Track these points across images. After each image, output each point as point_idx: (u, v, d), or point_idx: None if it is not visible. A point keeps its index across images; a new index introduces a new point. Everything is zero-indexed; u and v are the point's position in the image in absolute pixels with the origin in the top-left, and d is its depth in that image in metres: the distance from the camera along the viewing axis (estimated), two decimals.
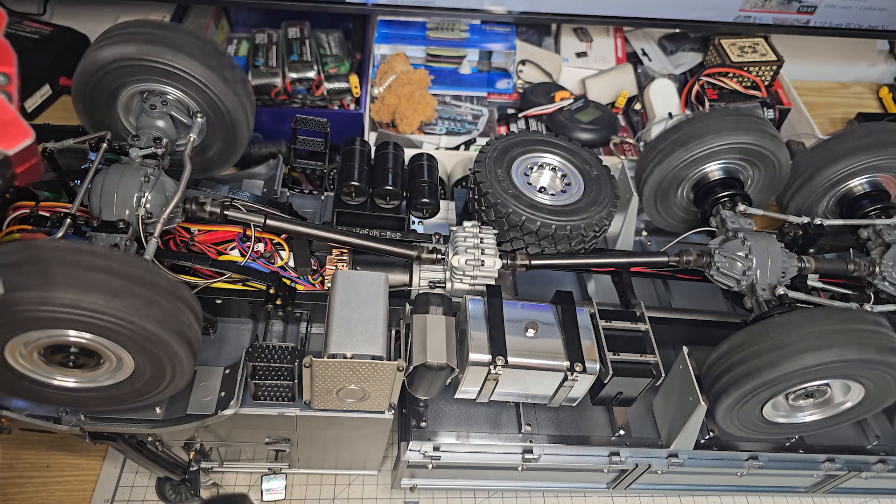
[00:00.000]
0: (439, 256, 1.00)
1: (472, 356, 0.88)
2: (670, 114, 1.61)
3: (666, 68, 1.80)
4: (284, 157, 1.27)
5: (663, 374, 0.93)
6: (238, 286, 0.98)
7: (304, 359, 0.82)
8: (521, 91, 1.74)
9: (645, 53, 1.83)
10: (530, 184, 1.07)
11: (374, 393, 0.88)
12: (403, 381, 0.89)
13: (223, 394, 0.91)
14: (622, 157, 1.56)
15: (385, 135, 1.56)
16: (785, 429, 1.04)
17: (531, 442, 1.04)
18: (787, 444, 1.12)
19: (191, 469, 1.09)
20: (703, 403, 0.96)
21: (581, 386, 0.93)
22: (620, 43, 1.83)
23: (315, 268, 1.03)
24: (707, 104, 1.66)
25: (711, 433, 1.09)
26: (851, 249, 1.17)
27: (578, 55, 1.80)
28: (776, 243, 1.05)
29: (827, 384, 0.96)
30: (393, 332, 0.94)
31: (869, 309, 1.04)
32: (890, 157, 1.14)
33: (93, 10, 1.70)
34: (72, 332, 0.70)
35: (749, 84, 1.70)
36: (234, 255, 1.00)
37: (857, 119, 1.85)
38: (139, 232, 0.86)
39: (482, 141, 1.59)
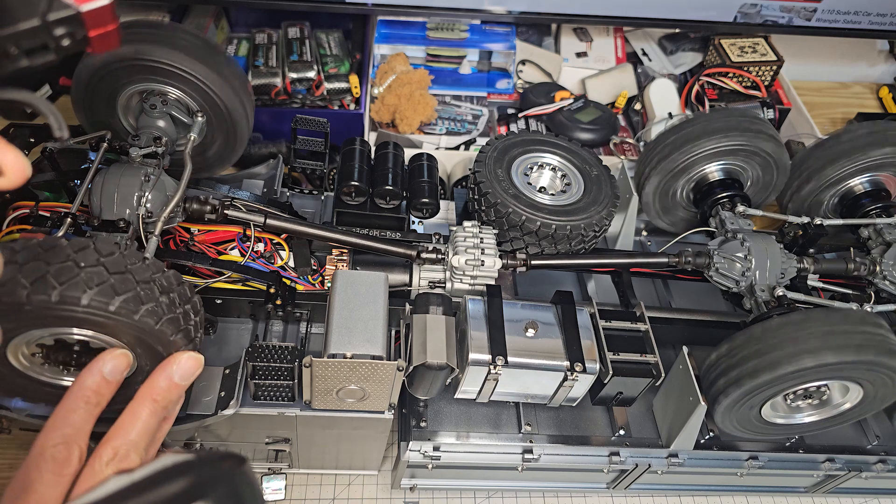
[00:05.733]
0: (439, 256, 1.00)
1: (472, 356, 0.88)
2: (670, 114, 1.61)
3: (666, 68, 1.80)
4: (284, 157, 1.27)
5: (663, 374, 0.93)
6: (238, 286, 0.98)
7: (304, 359, 0.82)
8: (521, 91, 1.74)
9: (645, 53, 1.83)
10: (530, 184, 1.07)
11: (374, 393, 0.88)
12: (403, 381, 0.89)
13: (223, 394, 0.91)
14: (622, 157, 1.57)
15: (385, 135, 1.56)
16: (783, 430, 1.04)
17: (531, 442, 1.05)
18: (787, 444, 1.12)
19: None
20: (702, 403, 0.96)
21: (581, 386, 0.93)
22: (620, 43, 1.83)
23: (315, 268, 1.03)
24: (707, 104, 1.66)
25: (711, 433, 1.09)
26: (852, 249, 1.17)
27: (578, 55, 1.80)
28: (775, 244, 1.05)
29: (825, 385, 0.96)
30: (393, 332, 0.94)
31: (869, 308, 1.04)
32: (890, 156, 1.14)
33: None
34: (75, 330, 0.70)
35: (749, 84, 1.70)
36: (234, 254, 1.00)
37: (857, 119, 1.85)
38: (139, 231, 0.86)
39: (482, 141, 1.59)
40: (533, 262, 1.02)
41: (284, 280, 0.98)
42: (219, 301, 0.96)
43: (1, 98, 0.35)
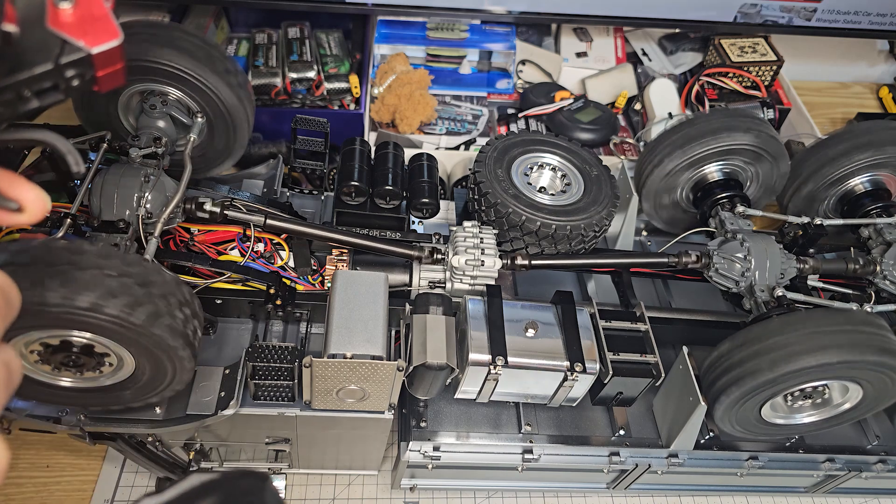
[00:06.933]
0: (439, 256, 1.00)
1: (472, 356, 0.88)
2: (670, 114, 1.61)
3: (666, 68, 1.80)
4: (284, 157, 1.27)
5: (663, 374, 0.93)
6: (238, 286, 0.98)
7: (304, 359, 0.82)
8: (521, 91, 1.74)
9: (645, 53, 1.83)
10: (530, 184, 1.07)
11: (374, 393, 0.88)
12: (403, 381, 0.89)
13: (223, 394, 0.91)
14: (622, 157, 1.56)
15: (385, 135, 1.56)
16: (784, 430, 1.04)
17: (531, 442, 1.05)
18: (787, 444, 1.12)
19: (191, 469, 1.09)
20: (702, 403, 0.96)
21: (581, 386, 0.93)
22: (620, 43, 1.83)
23: (315, 268, 1.03)
24: (707, 104, 1.66)
25: (711, 433, 1.09)
26: (852, 248, 1.17)
27: (578, 55, 1.80)
28: (775, 244, 1.05)
29: (825, 385, 0.96)
30: (393, 332, 0.94)
31: (869, 308, 1.04)
32: (890, 156, 1.14)
33: None
34: (73, 332, 0.70)
35: (749, 84, 1.70)
36: (234, 255, 1.00)
37: (857, 119, 1.85)
38: (139, 232, 0.86)
39: (482, 141, 1.59)
40: (533, 262, 1.02)
41: (284, 280, 0.98)
42: (219, 301, 0.96)
43: (21, 138, 0.36)
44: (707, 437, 1.08)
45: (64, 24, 0.33)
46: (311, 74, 1.49)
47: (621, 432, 1.08)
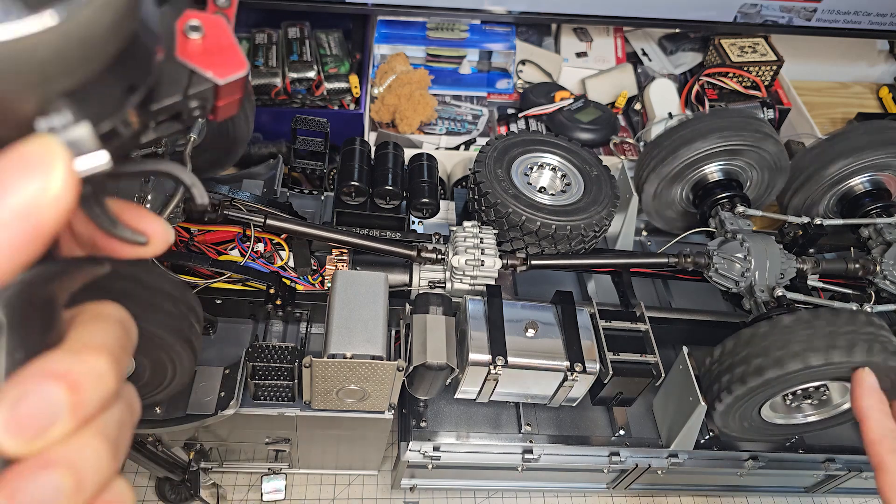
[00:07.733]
0: (439, 256, 1.00)
1: (472, 356, 0.88)
2: (670, 114, 1.61)
3: (666, 68, 1.80)
4: (284, 157, 1.27)
5: (663, 374, 0.93)
6: (238, 286, 0.98)
7: (304, 359, 0.82)
8: (521, 91, 1.74)
9: (645, 53, 1.83)
10: (530, 184, 1.07)
11: (374, 393, 0.88)
12: (403, 381, 0.89)
13: (223, 394, 0.91)
14: (622, 157, 1.56)
15: (385, 135, 1.56)
16: (784, 430, 1.04)
17: (531, 442, 1.05)
18: (787, 444, 1.12)
19: (191, 469, 1.09)
20: (702, 403, 0.96)
21: (581, 386, 0.93)
22: (620, 43, 1.83)
23: (315, 268, 1.03)
24: (707, 104, 1.66)
25: (711, 433, 1.09)
26: (852, 249, 1.17)
27: (578, 55, 1.80)
28: (775, 244, 1.05)
29: (825, 385, 0.96)
30: (393, 332, 0.94)
31: (869, 308, 1.04)
32: (890, 156, 1.14)
33: None
34: None
35: (749, 84, 1.70)
36: (234, 255, 1.00)
37: (857, 119, 1.85)
38: None
39: (482, 141, 1.59)
40: (533, 262, 1.02)
41: (284, 280, 0.98)
42: (219, 301, 0.96)
43: (146, 170, 0.34)
44: (707, 437, 1.08)
45: (192, 54, 0.32)
46: (311, 74, 1.49)
47: (621, 432, 1.08)
